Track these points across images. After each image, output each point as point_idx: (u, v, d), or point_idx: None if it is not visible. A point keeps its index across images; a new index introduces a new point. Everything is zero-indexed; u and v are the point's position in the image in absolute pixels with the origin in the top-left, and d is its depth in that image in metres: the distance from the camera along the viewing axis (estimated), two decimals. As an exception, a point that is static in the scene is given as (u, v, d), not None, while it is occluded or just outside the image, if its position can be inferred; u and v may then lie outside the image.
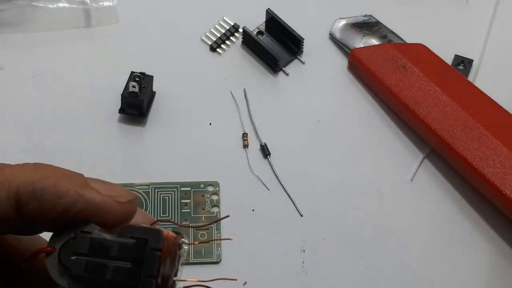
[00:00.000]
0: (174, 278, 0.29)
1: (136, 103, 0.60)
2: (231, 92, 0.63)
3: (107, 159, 0.60)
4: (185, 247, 0.30)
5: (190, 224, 0.57)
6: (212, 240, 0.56)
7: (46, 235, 0.30)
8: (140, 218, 0.31)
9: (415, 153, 0.61)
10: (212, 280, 0.30)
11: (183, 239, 0.30)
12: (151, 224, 0.31)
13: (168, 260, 0.29)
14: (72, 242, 0.28)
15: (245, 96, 0.63)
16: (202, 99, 0.63)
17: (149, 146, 0.61)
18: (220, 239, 0.54)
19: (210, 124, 0.62)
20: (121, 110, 0.61)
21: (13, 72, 0.63)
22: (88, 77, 0.63)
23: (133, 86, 0.59)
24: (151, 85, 0.61)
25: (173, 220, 0.57)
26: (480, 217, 0.59)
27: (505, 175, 0.56)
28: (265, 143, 0.61)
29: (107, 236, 0.28)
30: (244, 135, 0.61)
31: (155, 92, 0.62)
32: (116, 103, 0.60)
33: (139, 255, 0.28)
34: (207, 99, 0.63)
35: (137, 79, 0.59)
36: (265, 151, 0.60)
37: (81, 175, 0.29)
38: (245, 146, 0.61)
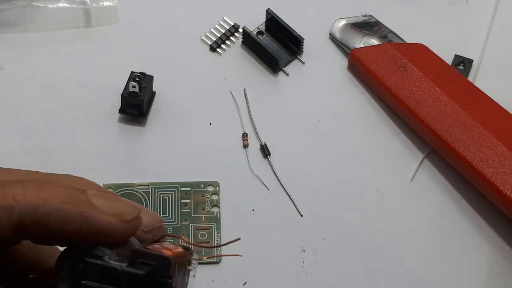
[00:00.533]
0: None
1: (136, 103, 0.60)
2: (231, 92, 0.63)
3: (107, 159, 0.60)
4: (195, 262, 0.30)
5: (202, 244, 0.56)
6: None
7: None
8: (147, 220, 0.31)
9: (415, 153, 0.61)
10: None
11: (193, 257, 0.30)
12: (159, 235, 0.31)
13: (178, 278, 0.29)
14: (82, 267, 0.28)
15: (245, 96, 0.63)
16: (202, 99, 0.63)
17: (149, 146, 0.61)
18: (229, 255, 0.53)
19: (210, 124, 0.62)
20: (121, 110, 0.61)
21: (13, 72, 0.63)
22: (88, 77, 0.63)
23: (133, 86, 0.59)
24: (151, 85, 0.61)
25: (184, 238, 0.57)
26: (480, 217, 0.59)
27: (505, 175, 0.56)
28: (265, 143, 0.61)
29: (117, 265, 0.28)
30: (244, 135, 0.61)
31: (155, 92, 0.62)
32: (116, 103, 0.60)
33: (149, 284, 0.28)
34: (207, 99, 0.63)
35: (137, 79, 0.59)
36: (265, 151, 0.60)
37: (84, 192, 0.29)
38: (245, 146, 0.61)
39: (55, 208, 0.27)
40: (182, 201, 0.58)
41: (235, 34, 0.65)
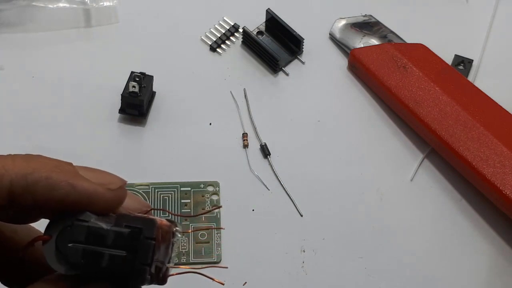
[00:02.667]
0: (168, 265, 0.30)
1: (136, 103, 0.60)
2: (231, 92, 0.63)
3: (107, 159, 0.60)
4: (179, 235, 0.31)
5: (190, 214, 0.57)
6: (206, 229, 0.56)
7: (41, 227, 0.31)
8: (135, 205, 0.32)
9: (415, 153, 0.61)
10: (204, 267, 0.31)
11: (176, 228, 0.31)
12: (146, 213, 0.32)
13: (161, 247, 0.30)
14: (69, 230, 0.29)
15: (245, 96, 0.63)
16: (202, 99, 0.63)
17: (149, 146, 0.61)
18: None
19: (210, 124, 0.62)
20: (121, 110, 0.61)
21: (13, 72, 0.63)
22: (88, 77, 0.63)
23: (133, 86, 0.59)
24: (151, 85, 0.61)
25: (169, 210, 0.57)
26: (480, 217, 0.59)
27: (505, 175, 0.56)
28: (265, 143, 0.61)
29: (103, 225, 0.29)
30: (244, 135, 0.61)
31: (155, 92, 0.62)
32: (116, 103, 0.60)
33: (133, 244, 0.29)
34: (207, 99, 0.63)
35: (137, 79, 0.59)
36: (265, 151, 0.60)
37: (70, 164, 0.30)
38: (245, 146, 0.61)
39: (43, 176, 0.28)
40: (182, 201, 0.58)
41: (235, 34, 0.65)
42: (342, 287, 0.56)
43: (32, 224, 0.32)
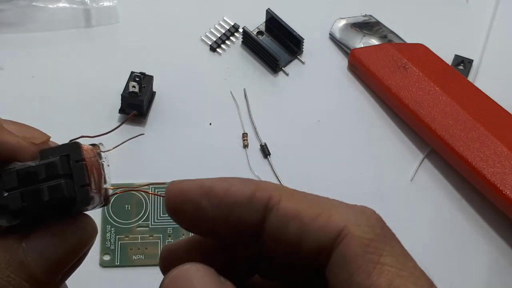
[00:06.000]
0: (105, 186, 0.31)
1: (136, 103, 0.60)
2: (231, 92, 0.63)
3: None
4: (104, 155, 0.31)
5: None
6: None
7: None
8: (38, 134, 0.32)
9: (415, 153, 0.61)
10: (143, 186, 0.31)
11: (100, 149, 0.31)
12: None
13: (94, 170, 0.30)
14: (0, 181, 0.29)
15: (245, 96, 0.63)
16: (202, 99, 0.63)
17: (149, 146, 0.61)
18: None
19: (210, 124, 0.62)
20: (121, 110, 0.61)
21: (13, 72, 0.63)
22: (88, 77, 0.63)
23: (133, 86, 0.59)
24: (151, 85, 0.61)
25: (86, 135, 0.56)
26: (480, 217, 0.59)
27: (505, 175, 0.56)
28: (265, 143, 0.61)
29: (31, 163, 0.29)
30: (244, 135, 0.61)
31: (155, 92, 0.62)
32: (116, 103, 0.60)
33: (66, 170, 0.29)
34: (207, 99, 0.63)
35: (137, 79, 0.59)
36: (265, 151, 0.60)
37: None
38: (245, 146, 0.61)
39: None
40: (182, 201, 0.58)
41: (235, 34, 0.65)
42: (342, 287, 0.56)
43: None
